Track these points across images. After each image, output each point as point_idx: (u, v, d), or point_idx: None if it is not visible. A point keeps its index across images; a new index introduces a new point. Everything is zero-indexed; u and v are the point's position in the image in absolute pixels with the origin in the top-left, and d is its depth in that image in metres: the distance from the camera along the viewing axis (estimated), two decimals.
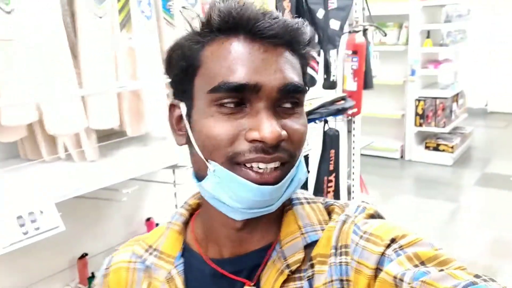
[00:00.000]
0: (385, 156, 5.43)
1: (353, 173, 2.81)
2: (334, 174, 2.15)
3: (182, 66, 0.62)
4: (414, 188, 4.82)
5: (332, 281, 0.60)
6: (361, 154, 2.85)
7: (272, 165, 0.58)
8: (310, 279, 0.62)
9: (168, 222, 0.73)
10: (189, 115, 0.62)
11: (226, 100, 0.57)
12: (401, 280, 0.51)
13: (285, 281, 0.62)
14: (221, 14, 0.58)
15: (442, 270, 0.50)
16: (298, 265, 0.62)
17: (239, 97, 0.58)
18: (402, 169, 5.25)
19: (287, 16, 1.56)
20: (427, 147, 5.35)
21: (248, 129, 0.57)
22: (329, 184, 2.11)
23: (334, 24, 2.23)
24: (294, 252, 0.63)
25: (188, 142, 0.64)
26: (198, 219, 0.71)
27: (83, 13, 1.09)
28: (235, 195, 0.58)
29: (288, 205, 0.67)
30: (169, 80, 0.66)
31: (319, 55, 2.21)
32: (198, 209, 0.73)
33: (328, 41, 2.22)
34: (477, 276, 0.49)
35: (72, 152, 1.16)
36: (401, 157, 5.44)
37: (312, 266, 0.62)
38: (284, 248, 0.64)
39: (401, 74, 5.29)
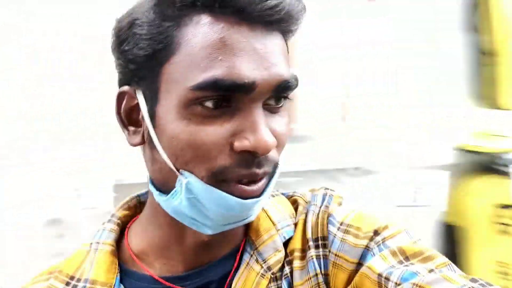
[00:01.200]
0: None
1: None
2: None
3: (145, 47, 0.49)
4: None
5: (316, 275, 0.55)
6: None
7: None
8: (288, 277, 0.56)
9: (95, 243, 0.59)
10: (151, 110, 0.51)
11: (208, 100, 0.47)
12: (387, 279, 0.48)
13: (261, 284, 0.55)
14: None
15: (432, 270, 0.47)
16: (279, 265, 0.56)
17: (227, 96, 0.48)
18: None
19: None
20: None
21: (237, 136, 0.48)
22: None
23: None
24: (274, 251, 0.56)
25: (147, 143, 0.53)
26: (134, 233, 0.60)
27: None
28: (212, 211, 0.50)
29: None
30: (118, 59, 0.53)
31: None
32: (128, 222, 0.62)
33: None
34: (473, 280, 0.45)
35: None
36: None
37: (289, 263, 0.57)
38: (260, 248, 0.57)
39: None
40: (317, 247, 0.56)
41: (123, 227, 0.61)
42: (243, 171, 0.48)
